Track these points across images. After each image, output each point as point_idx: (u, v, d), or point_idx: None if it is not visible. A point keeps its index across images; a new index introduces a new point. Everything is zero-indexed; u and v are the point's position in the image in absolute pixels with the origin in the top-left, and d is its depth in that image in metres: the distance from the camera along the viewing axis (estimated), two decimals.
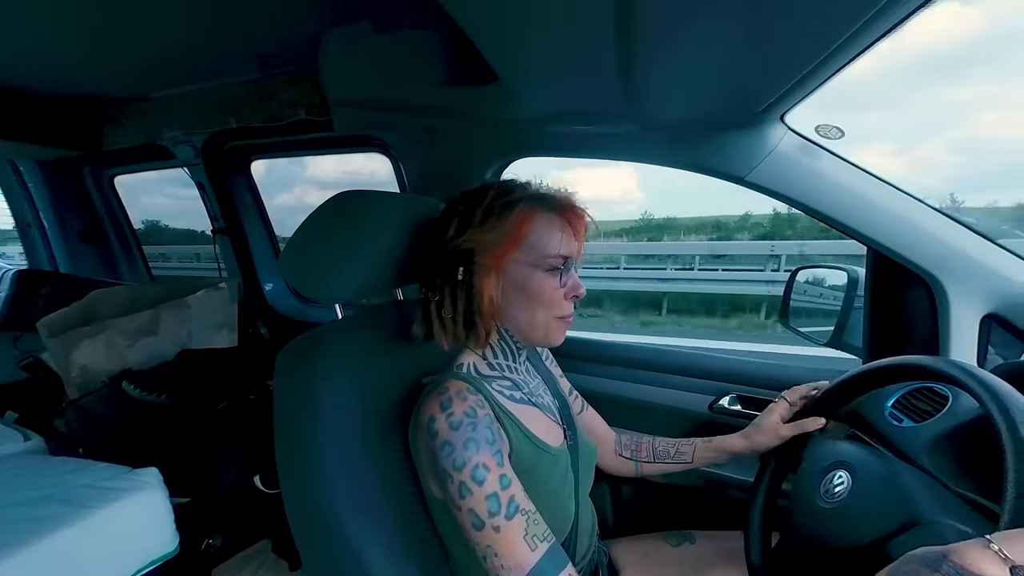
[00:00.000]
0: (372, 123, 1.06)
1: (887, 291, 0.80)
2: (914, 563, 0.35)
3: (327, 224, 0.60)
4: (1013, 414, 0.40)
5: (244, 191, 1.50)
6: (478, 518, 0.46)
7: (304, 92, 1.10)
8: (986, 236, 0.70)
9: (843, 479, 0.53)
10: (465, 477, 0.46)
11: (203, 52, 1.00)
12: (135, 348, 1.29)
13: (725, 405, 0.92)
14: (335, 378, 0.55)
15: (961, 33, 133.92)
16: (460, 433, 0.47)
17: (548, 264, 0.54)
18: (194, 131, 1.29)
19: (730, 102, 0.68)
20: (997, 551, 0.32)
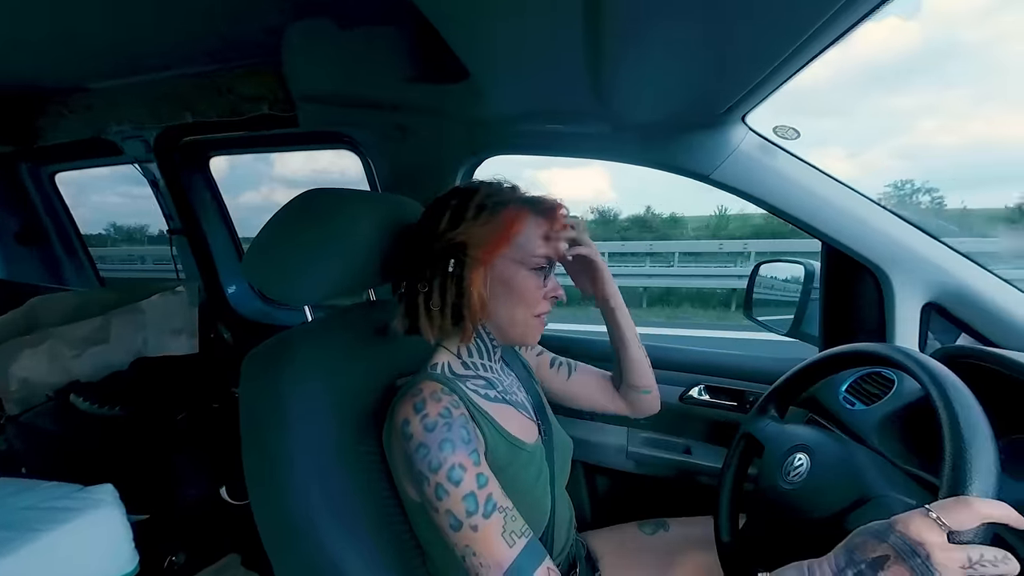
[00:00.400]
0: (339, 119, 1.03)
1: (840, 283, 0.85)
2: (865, 535, 0.38)
3: (294, 223, 0.58)
4: (949, 394, 0.44)
5: (203, 189, 1.43)
6: (455, 519, 0.45)
7: (266, 86, 1.05)
8: (927, 232, 0.75)
9: (803, 461, 0.56)
10: (441, 478, 0.45)
11: (153, 41, 0.94)
12: (82, 358, 1.20)
13: (695, 396, 0.95)
14: (305, 382, 0.53)
15: (901, 45, 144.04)
16: (435, 434, 0.47)
17: (533, 263, 0.56)
18: (144, 125, 1.21)
19: (695, 103, 0.71)
20: (935, 519, 0.35)
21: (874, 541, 0.37)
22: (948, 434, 0.41)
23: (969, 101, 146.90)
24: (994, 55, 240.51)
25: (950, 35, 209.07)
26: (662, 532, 0.78)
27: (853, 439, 0.63)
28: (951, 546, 0.34)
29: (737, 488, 0.69)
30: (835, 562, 0.38)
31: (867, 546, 0.37)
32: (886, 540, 0.36)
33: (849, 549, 0.38)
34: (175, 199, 1.36)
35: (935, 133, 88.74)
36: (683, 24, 0.46)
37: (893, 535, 0.36)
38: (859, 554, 0.37)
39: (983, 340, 0.72)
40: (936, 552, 0.34)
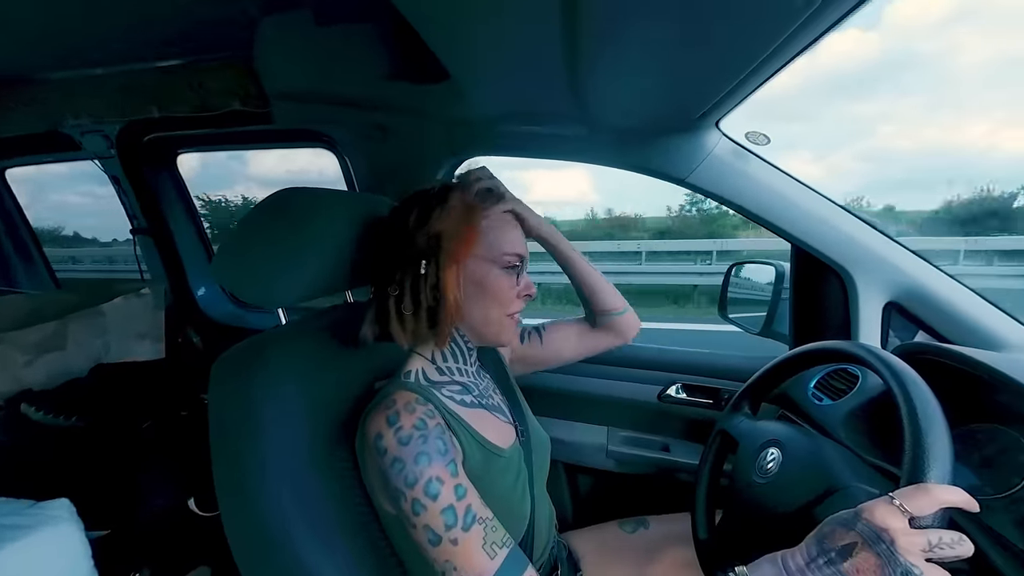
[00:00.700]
0: (316, 117, 1.01)
1: (808, 284, 0.88)
2: (833, 524, 0.39)
3: (268, 223, 0.56)
4: (909, 389, 0.46)
5: (169, 187, 1.37)
6: (434, 533, 0.44)
7: (238, 81, 1.02)
8: (887, 234, 0.79)
9: (775, 456, 0.58)
10: (418, 493, 0.44)
11: (114, 30, 0.90)
12: (35, 365, 1.13)
13: (673, 394, 0.97)
14: (278, 386, 0.52)
15: (863, 55, 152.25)
16: (410, 448, 0.45)
17: (505, 261, 0.55)
18: (105, 119, 1.15)
19: (670, 108, 0.72)
20: (898, 506, 0.37)
21: (842, 529, 0.38)
22: (908, 426, 0.43)
23: (923, 109, 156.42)
24: (946, 66, 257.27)
25: (907, 46, 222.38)
26: (642, 530, 0.79)
27: (821, 433, 0.65)
28: (913, 531, 0.36)
29: (713, 484, 0.70)
30: (807, 551, 0.39)
31: (836, 534, 0.38)
32: (854, 528, 0.38)
33: (819, 538, 0.39)
34: (140, 197, 1.30)
35: (893, 138, 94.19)
36: (657, 30, 0.47)
37: (860, 523, 0.37)
38: (829, 542, 0.38)
39: (939, 337, 0.76)
40: (899, 537, 0.36)
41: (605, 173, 14.69)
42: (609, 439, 1.01)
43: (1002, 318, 0.74)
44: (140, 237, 1.36)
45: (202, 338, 1.41)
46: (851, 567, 0.36)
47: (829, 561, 0.37)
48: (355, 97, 0.89)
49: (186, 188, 1.40)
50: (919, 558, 0.35)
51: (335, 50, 0.81)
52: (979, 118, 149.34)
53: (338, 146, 1.10)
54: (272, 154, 5.10)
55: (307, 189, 0.60)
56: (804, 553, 0.39)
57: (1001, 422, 0.56)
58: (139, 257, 1.40)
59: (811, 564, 0.38)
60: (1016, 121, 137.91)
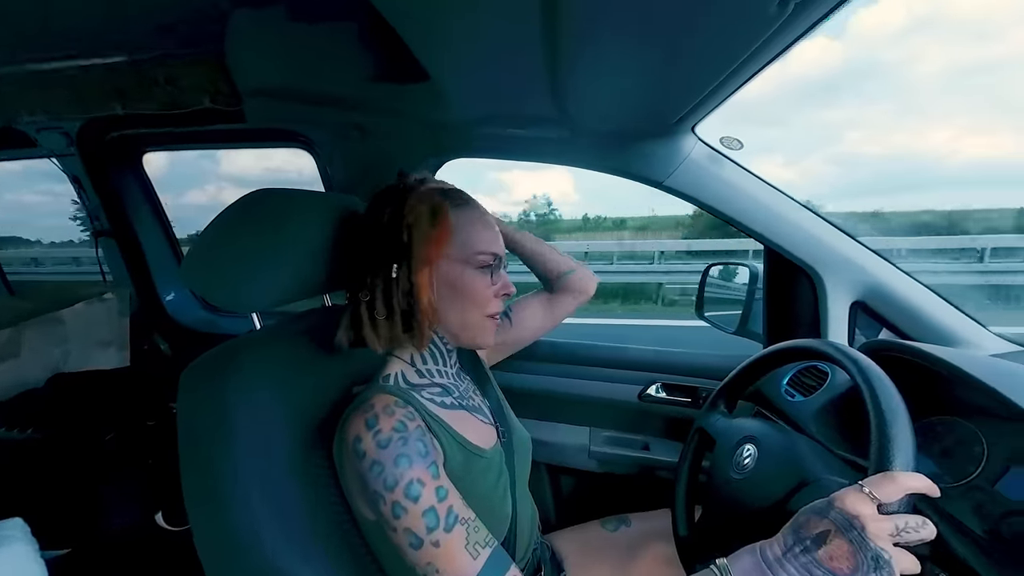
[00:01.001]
0: (291, 116, 0.99)
1: (780, 284, 0.91)
2: (808, 513, 0.41)
3: (240, 224, 0.54)
4: (874, 384, 0.48)
5: (135, 188, 1.31)
6: (416, 537, 0.43)
7: (209, 77, 0.98)
8: (852, 236, 0.83)
9: (751, 452, 0.60)
10: (398, 496, 0.43)
11: (74, 21, 0.85)
12: None
13: (652, 394, 0.99)
14: (253, 391, 0.50)
15: (830, 63, 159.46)
16: (389, 450, 0.44)
17: (479, 261, 0.54)
18: (64, 116, 1.09)
19: (648, 113, 0.74)
20: (868, 493, 0.39)
21: (816, 518, 0.40)
22: (874, 419, 0.45)
23: (889, 115, 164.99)
24: (906, 74, 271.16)
25: (870, 55, 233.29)
26: (624, 528, 0.80)
27: (794, 428, 0.68)
28: (881, 516, 0.38)
29: (692, 481, 0.72)
30: (783, 541, 0.41)
31: (811, 523, 0.40)
32: (827, 516, 0.39)
33: (795, 528, 0.41)
34: (102, 198, 1.24)
35: (861, 143, 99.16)
36: (635, 35, 0.48)
37: (833, 511, 0.39)
38: (804, 531, 0.40)
39: (901, 334, 0.80)
40: (869, 523, 0.37)
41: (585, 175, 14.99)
42: (591, 439, 1.02)
43: (958, 316, 0.78)
44: (103, 239, 1.30)
45: (171, 345, 1.35)
46: (825, 554, 0.37)
47: (805, 549, 0.38)
48: (332, 96, 0.87)
49: (152, 188, 1.34)
50: (887, 542, 0.37)
51: (310, 47, 0.80)
52: (940, 124, 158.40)
53: (315, 146, 1.08)
54: (246, 154, 4.89)
55: (281, 190, 0.59)
56: (781, 543, 0.41)
57: (958, 414, 0.59)
58: (101, 260, 1.33)
59: (787, 553, 0.39)
60: (974, 128, 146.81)
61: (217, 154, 4.46)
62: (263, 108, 0.93)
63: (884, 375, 0.49)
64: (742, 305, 0.97)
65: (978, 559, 0.46)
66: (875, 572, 0.35)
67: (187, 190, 15.27)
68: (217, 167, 26.08)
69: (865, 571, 0.36)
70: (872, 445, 0.44)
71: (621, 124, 0.80)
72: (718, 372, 0.88)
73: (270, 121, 1.03)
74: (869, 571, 0.35)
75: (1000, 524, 0.49)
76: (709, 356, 1.02)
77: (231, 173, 25.50)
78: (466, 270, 0.54)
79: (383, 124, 0.94)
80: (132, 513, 1.11)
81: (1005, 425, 0.54)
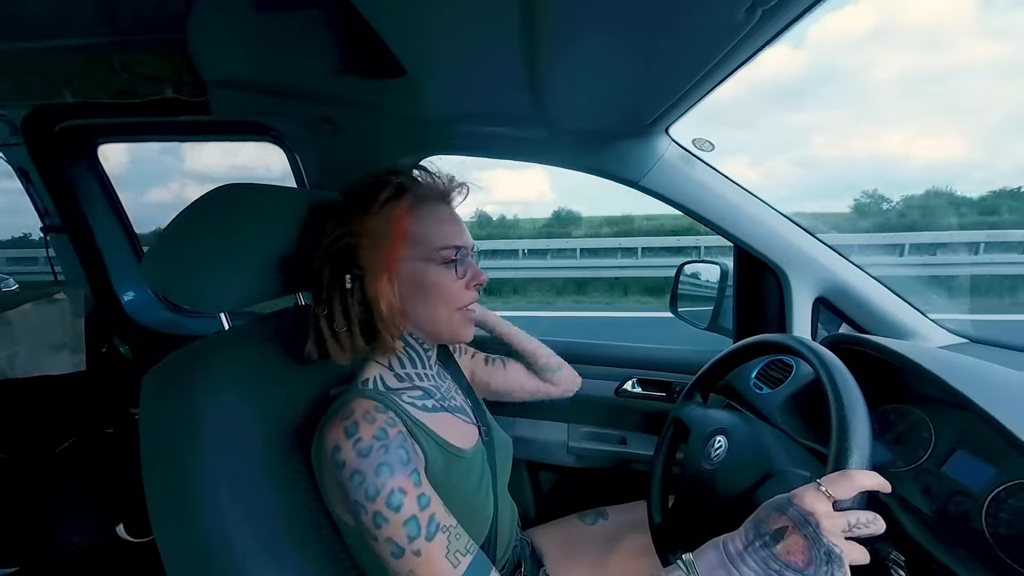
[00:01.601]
0: (259, 108, 0.95)
1: (749, 281, 0.95)
2: (768, 509, 0.43)
3: (207, 220, 0.52)
4: (835, 377, 0.51)
5: (89, 181, 1.23)
6: (397, 546, 0.43)
7: (170, 66, 0.93)
8: (815, 235, 0.87)
9: (721, 443, 0.62)
10: (380, 506, 0.43)
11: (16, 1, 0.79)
12: None
13: (629, 389, 1.01)
14: (222, 393, 0.48)
15: (794, 69, 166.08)
16: (371, 459, 0.43)
17: (442, 257, 0.52)
18: (7, 103, 1.02)
19: (624, 113, 0.75)
20: (824, 491, 0.41)
21: (776, 514, 0.42)
22: (834, 410, 0.48)
23: (848, 120, 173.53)
24: (864, 80, 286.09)
25: (829, 62, 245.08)
26: (601, 521, 0.82)
27: (762, 419, 0.71)
28: (835, 513, 0.40)
29: (667, 471, 0.74)
30: (745, 535, 0.42)
31: (770, 519, 0.42)
32: (785, 513, 0.41)
33: (756, 523, 0.43)
34: (53, 191, 1.16)
35: (823, 147, 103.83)
36: (611, 36, 0.49)
37: (791, 508, 0.41)
38: (764, 526, 0.42)
39: (858, 328, 0.85)
40: (824, 520, 0.39)
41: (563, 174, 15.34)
42: (569, 435, 1.04)
43: (910, 311, 0.83)
44: (53, 236, 1.22)
45: (132, 347, 1.28)
46: (783, 549, 0.39)
47: (764, 544, 0.40)
48: (301, 88, 0.84)
49: (109, 182, 1.27)
50: (839, 537, 0.39)
51: (279, 36, 0.77)
52: (895, 129, 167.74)
53: (285, 140, 1.05)
54: (212, 148, 4.67)
55: (250, 184, 0.56)
56: (743, 537, 0.42)
57: (910, 402, 0.63)
58: (52, 258, 1.25)
59: (749, 547, 0.41)
60: (925, 131, 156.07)
61: (180, 149, 4.12)
62: (229, 99, 0.89)
63: (844, 368, 0.52)
64: (713, 302, 1.00)
65: (926, 537, 0.49)
66: (827, 565, 0.37)
67: (149, 187, 14.40)
68: (181, 163, 24.47)
69: (817, 564, 0.37)
70: (832, 435, 0.46)
71: (598, 124, 0.81)
72: (691, 367, 0.91)
73: (237, 113, 0.99)
74: (821, 564, 0.37)
75: (947, 503, 0.52)
76: (683, 351, 1.05)
77: (195, 169, 24.08)
78: (429, 268, 0.52)
79: (356, 119, 0.91)
80: (91, 526, 1.05)
81: (951, 412, 0.58)
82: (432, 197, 0.54)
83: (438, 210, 0.54)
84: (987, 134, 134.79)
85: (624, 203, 16.16)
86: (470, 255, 0.56)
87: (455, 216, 0.56)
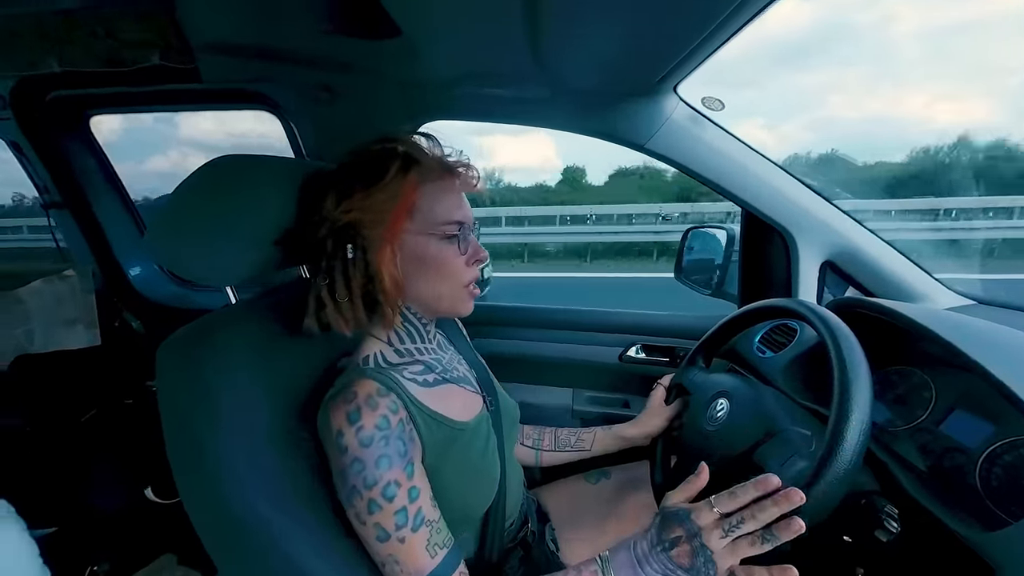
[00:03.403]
0: (251, 75, 0.92)
1: (756, 245, 0.94)
2: (670, 518, 0.47)
3: (207, 193, 0.51)
4: (839, 339, 0.51)
5: (84, 155, 1.21)
6: (384, 531, 0.46)
7: (156, 31, 0.89)
8: (826, 197, 0.85)
9: (723, 406, 0.63)
10: (375, 495, 0.45)
11: None
12: None
13: (633, 355, 1.02)
14: (233, 370, 0.49)
15: (802, 25, 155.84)
16: (372, 450, 0.45)
17: (444, 232, 0.52)
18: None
19: (630, 70, 0.72)
20: (713, 508, 0.46)
21: (676, 524, 0.46)
22: (837, 373, 0.48)
23: (868, 79, 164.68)
24: (881, 36, 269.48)
25: (834, 20, 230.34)
26: (605, 480, 0.85)
27: (764, 382, 0.72)
28: (715, 524, 0.45)
29: (669, 433, 0.76)
30: (651, 539, 0.47)
31: (671, 528, 0.46)
32: (683, 524, 0.46)
33: (659, 529, 0.47)
34: (49, 166, 1.15)
35: (839, 107, 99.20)
36: None
37: (688, 521, 0.46)
38: (665, 534, 0.46)
39: (865, 292, 0.84)
40: (706, 532, 0.45)
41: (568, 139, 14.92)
42: (574, 400, 1.06)
43: (919, 273, 0.82)
44: (55, 212, 1.22)
45: (143, 322, 1.30)
46: (676, 553, 0.45)
47: (663, 548, 0.45)
48: (294, 52, 0.81)
49: (105, 155, 1.25)
50: (717, 543, 0.44)
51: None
52: (916, 90, 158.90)
53: (281, 109, 1.02)
54: (207, 118, 4.52)
55: (249, 156, 0.55)
56: (649, 540, 0.47)
57: (914, 364, 0.64)
58: (56, 235, 1.25)
59: (653, 550, 0.46)
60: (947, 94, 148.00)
61: (175, 119, 4.00)
62: (219, 66, 0.86)
63: (849, 331, 0.52)
64: (719, 267, 1.00)
65: (920, 491, 0.51)
66: (703, 566, 0.44)
67: (151, 156, 14.04)
68: (177, 132, 23.81)
69: (698, 566, 0.44)
70: (834, 397, 0.47)
71: (603, 82, 0.78)
72: (695, 332, 0.92)
73: (229, 80, 0.96)
74: (700, 565, 0.44)
75: (942, 459, 0.54)
76: (686, 317, 1.05)
77: (193, 137, 23.44)
78: (431, 242, 0.52)
79: (354, 84, 0.88)
80: (120, 490, 1.11)
81: (953, 372, 0.58)
82: (438, 170, 0.53)
83: (443, 184, 0.53)
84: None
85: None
86: (471, 231, 0.56)
87: (459, 190, 0.54)
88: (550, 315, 1.11)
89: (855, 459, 0.44)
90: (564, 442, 0.79)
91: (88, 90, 1.07)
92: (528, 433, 0.80)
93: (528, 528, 0.71)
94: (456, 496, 0.53)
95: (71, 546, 0.99)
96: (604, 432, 0.78)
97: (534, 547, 0.69)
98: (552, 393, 1.07)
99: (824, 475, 0.44)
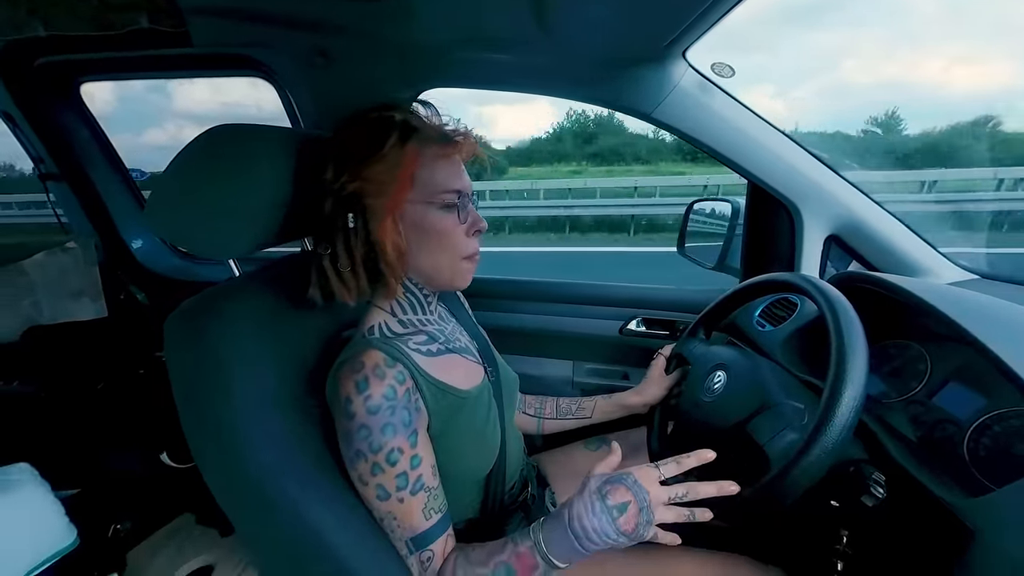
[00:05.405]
0: (243, 39, 0.88)
1: (760, 218, 0.92)
2: (613, 484, 0.48)
3: (205, 165, 0.51)
4: (838, 312, 0.51)
5: (78, 124, 1.19)
6: (384, 491, 0.48)
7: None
8: (834, 169, 0.83)
9: (720, 377, 0.64)
10: (380, 459, 0.47)
11: None
12: None
13: (633, 328, 1.03)
14: (242, 340, 0.50)
15: None
16: (378, 418, 0.47)
17: (443, 200, 0.52)
18: None
19: (638, 35, 0.69)
20: (657, 471, 0.49)
21: (623, 487, 0.47)
22: (835, 347, 0.49)
23: (882, 42, 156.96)
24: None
25: None
26: (604, 447, 0.88)
27: (762, 355, 0.73)
28: (661, 488, 0.47)
29: (667, 402, 0.78)
30: (590, 506, 0.47)
31: (617, 493, 0.47)
32: (631, 488, 0.47)
33: (602, 495, 0.47)
34: (42, 136, 1.13)
35: (854, 72, 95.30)
36: None
37: (637, 486, 0.47)
38: (610, 499, 0.47)
39: (868, 266, 0.84)
40: (654, 499, 0.47)
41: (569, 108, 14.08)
42: (575, 372, 1.08)
43: (924, 247, 0.82)
44: (52, 184, 1.20)
45: (148, 294, 1.32)
46: (622, 518, 0.46)
47: (611, 518, 0.46)
48: (286, 14, 0.78)
49: (99, 125, 1.23)
50: (659, 506, 0.47)
51: None
52: (933, 52, 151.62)
53: (275, 75, 0.98)
54: (201, 87, 4.34)
55: (246, 125, 0.54)
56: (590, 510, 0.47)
57: (912, 338, 0.65)
58: (55, 207, 1.25)
59: (597, 518, 0.46)
60: (967, 57, 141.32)
61: (167, 88, 3.84)
62: (211, 28, 0.82)
63: (849, 305, 0.52)
64: (722, 240, 0.99)
65: (908, 459, 0.52)
66: (644, 526, 0.46)
67: (147, 128, 13.83)
68: (171, 102, 23.09)
69: (639, 531, 0.46)
70: (829, 371, 0.48)
71: (608, 47, 0.74)
72: (696, 306, 0.92)
73: (221, 44, 0.92)
74: (641, 529, 0.46)
75: (933, 430, 0.55)
76: (687, 291, 1.05)
77: (187, 108, 22.73)
78: (430, 211, 0.52)
79: (349, 48, 0.85)
80: (136, 457, 1.15)
81: (950, 346, 0.59)
82: (436, 138, 0.52)
83: (442, 152, 0.52)
84: None
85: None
86: (470, 200, 0.55)
87: (457, 159, 0.54)
88: (552, 288, 1.11)
89: (844, 434, 0.45)
90: (565, 410, 0.81)
91: (77, 55, 1.04)
92: (530, 403, 0.82)
93: (528, 492, 0.74)
94: (459, 459, 0.56)
95: (94, 506, 1.04)
96: (604, 400, 0.80)
97: (534, 509, 0.72)
98: (553, 365, 1.09)
99: (812, 448, 0.45)
